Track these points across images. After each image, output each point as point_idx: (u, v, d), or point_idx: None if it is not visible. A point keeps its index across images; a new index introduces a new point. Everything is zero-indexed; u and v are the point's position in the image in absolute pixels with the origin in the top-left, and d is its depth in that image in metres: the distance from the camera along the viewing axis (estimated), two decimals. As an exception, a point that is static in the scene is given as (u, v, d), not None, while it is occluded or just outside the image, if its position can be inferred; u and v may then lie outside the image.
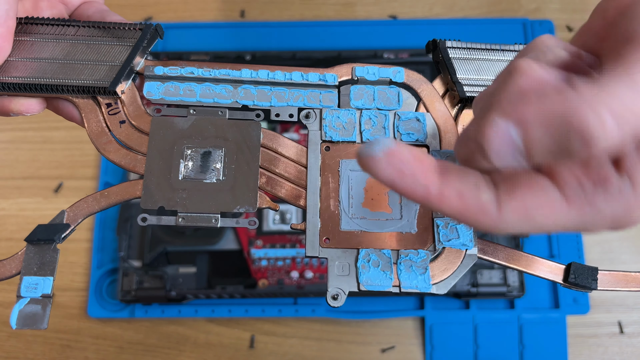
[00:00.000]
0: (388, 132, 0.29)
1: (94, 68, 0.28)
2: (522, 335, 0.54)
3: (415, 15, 0.66)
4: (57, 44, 0.29)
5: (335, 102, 0.29)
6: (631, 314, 0.55)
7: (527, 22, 0.64)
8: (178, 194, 0.27)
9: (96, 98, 0.29)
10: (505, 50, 0.31)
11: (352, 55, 0.60)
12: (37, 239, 0.26)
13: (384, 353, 0.55)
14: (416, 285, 0.26)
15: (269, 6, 0.67)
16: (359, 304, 0.55)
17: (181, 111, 0.29)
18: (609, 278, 0.27)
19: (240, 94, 0.29)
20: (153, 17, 0.66)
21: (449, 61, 0.30)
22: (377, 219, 0.27)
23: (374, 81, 0.30)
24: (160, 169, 0.28)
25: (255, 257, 0.54)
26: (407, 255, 0.26)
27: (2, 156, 0.62)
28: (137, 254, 0.55)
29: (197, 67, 0.29)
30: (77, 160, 0.61)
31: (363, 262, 0.26)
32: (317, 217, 0.27)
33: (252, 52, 0.61)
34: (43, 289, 0.26)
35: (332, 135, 0.28)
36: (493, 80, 0.20)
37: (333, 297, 0.26)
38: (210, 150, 0.28)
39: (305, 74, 0.29)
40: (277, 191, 0.28)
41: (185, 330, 0.56)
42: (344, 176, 0.28)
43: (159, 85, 0.29)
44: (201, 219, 0.27)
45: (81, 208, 0.28)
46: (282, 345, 0.55)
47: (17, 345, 0.55)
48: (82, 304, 0.56)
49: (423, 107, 0.29)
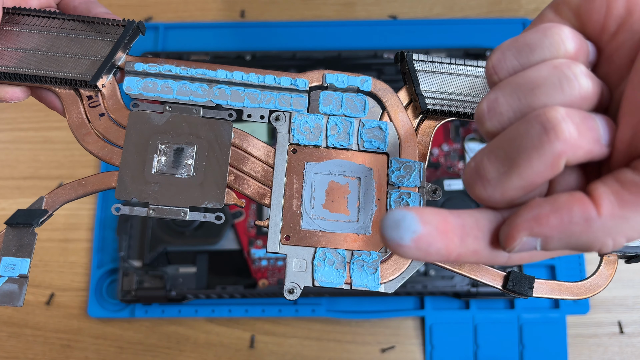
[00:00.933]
0: (352, 139, 0.30)
1: (77, 61, 0.29)
2: (522, 335, 0.54)
3: (415, 15, 0.66)
4: (42, 36, 0.30)
5: (304, 107, 0.30)
6: (631, 314, 0.55)
7: (527, 22, 0.64)
8: (150, 187, 0.29)
9: (78, 90, 0.30)
10: (469, 65, 0.32)
11: (352, 56, 0.61)
12: (17, 222, 0.27)
13: (384, 353, 0.55)
14: (366, 283, 0.28)
15: (269, 6, 0.67)
16: (359, 304, 0.56)
17: (158, 107, 0.30)
18: (545, 287, 0.29)
19: (215, 93, 0.30)
20: (153, 17, 0.66)
21: (414, 73, 0.31)
22: (336, 220, 0.29)
23: (343, 88, 0.31)
24: (135, 162, 0.29)
25: (255, 257, 0.54)
26: (360, 256, 0.28)
27: (2, 156, 0.62)
28: (137, 254, 0.55)
29: (175, 65, 0.30)
30: (77, 161, 0.61)
31: (319, 260, 0.28)
32: (280, 216, 0.29)
33: (252, 52, 0.61)
34: (20, 269, 0.27)
35: (299, 138, 0.30)
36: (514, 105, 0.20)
37: (289, 291, 0.27)
38: (183, 146, 0.29)
39: (278, 77, 0.30)
40: (244, 189, 0.29)
41: (185, 330, 0.56)
42: (307, 178, 0.29)
43: (138, 81, 0.30)
44: (171, 212, 0.28)
45: (59, 195, 0.29)
46: (282, 345, 0.55)
47: (17, 345, 0.55)
48: (82, 303, 0.56)
49: (387, 116, 0.31)
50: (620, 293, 0.56)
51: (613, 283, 0.56)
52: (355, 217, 0.29)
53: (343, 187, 0.29)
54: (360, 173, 0.30)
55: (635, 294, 0.56)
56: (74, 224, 0.59)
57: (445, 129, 0.60)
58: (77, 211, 0.59)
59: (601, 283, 0.29)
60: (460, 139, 0.59)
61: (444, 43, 0.63)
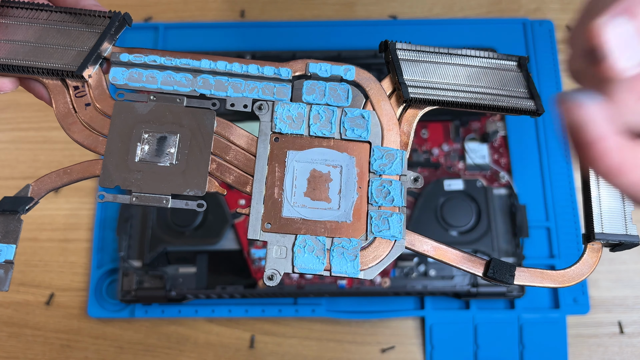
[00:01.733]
0: (334, 128, 0.30)
1: (64, 52, 0.30)
2: (522, 336, 0.54)
3: (415, 15, 0.66)
4: (29, 27, 0.30)
5: (288, 96, 0.31)
6: (631, 314, 0.55)
7: (527, 22, 0.64)
8: (134, 174, 0.29)
9: (65, 80, 0.30)
10: (452, 54, 0.33)
11: (352, 56, 0.60)
12: (3, 209, 0.28)
13: (384, 353, 0.55)
14: (345, 270, 0.28)
15: (269, 6, 0.67)
16: (359, 304, 0.56)
17: (142, 97, 0.30)
18: (527, 274, 0.29)
19: (199, 82, 0.30)
20: (153, 17, 0.66)
21: (397, 62, 0.31)
22: (317, 207, 0.29)
23: (326, 77, 0.31)
24: (119, 150, 0.29)
25: (255, 257, 0.54)
26: (340, 243, 0.28)
27: (2, 156, 0.62)
28: (137, 254, 0.55)
29: (159, 55, 0.30)
30: (77, 161, 0.61)
31: (299, 247, 0.28)
32: (261, 204, 0.29)
33: (252, 52, 0.61)
34: (6, 255, 0.27)
35: (281, 127, 0.30)
36: None
37: (269, 277, 0.28)
38: (166, 135, 0.30)
39: (261, 67, 0.30)
40: (226, 177, 0.29)
41: (185, 330, 0.56)
42: (289, 166, 0.30)
43: (124, 72, 0.30)
44: (153, 199, 0.29)
45: (45, 183, 0.29)
46: (282, 345, 0.55)
47: (17, 345, 0.55)
48: (82, 304, 0.56)
49: (370, 105, 0.31)
50: (620, 293, 0.56)
51: (613, 283, 0.56)
52: (336, 205, 0.29)
53: (325, 176, 0.30)
54: (342, 161, 0.30)
55: (635, 294, 0.56)
56: (74, 224, 0.59)
57: (445, 129, 0.60)
58: (77, 211, 0.59)
59: (584, 271, 0.30)
60: (460, 139, 0.59)
61: (444, 43, 0.63)
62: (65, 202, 0.59)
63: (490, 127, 0.58)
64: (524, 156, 0.59)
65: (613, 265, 0.57)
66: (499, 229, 0.55)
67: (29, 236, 0.58)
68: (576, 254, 0.56)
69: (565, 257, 0.56)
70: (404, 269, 0.54)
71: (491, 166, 0.58)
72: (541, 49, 0.63)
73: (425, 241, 0.29)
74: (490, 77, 0.32)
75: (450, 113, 0.59)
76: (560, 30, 0.65)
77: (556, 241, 0.56)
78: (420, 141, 0.59)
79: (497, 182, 0.57)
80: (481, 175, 0.58)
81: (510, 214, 0.56)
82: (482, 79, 0.32)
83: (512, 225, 0.55)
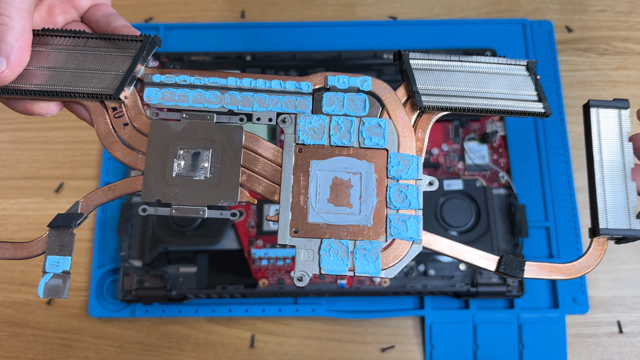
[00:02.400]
0: (353, 137, 0.32)
1: (101, 76, 0.32)
2: (522, 335, 0.54)
3: (415, 16, 0.66)
4: (69, 55, 0.32)
5: (309, 108, 0.33)
6: (630, 314, 0.56)
7: (527, 22, 0.64)
8: (172, 189, 0.31)
9: (104, 102, 0.32)
10: (463, 61, 0.34)
11: (352, 56, 0.61)
12: (57, 225, 0.30)
13: (383, 352, 0.55)
14: (368, 270, 0.30)
15: (270, 7, 0.67)
16: (359, 304, 0.56)
17: (175, 115, 0.32)
18: (535, 268, 0.31)
19: (226, 99, 0.32)
20: (154, 17, 0.66)
21: (410, 72, 0.33)
22: (340, 213, 0.31)
23: (344, 89, 0.33)
24: (157, 166, 0.32)
25: (255, 256, 0.54)
26: (362, 245, 0.31)
27: (3, 156, 0.62)
28: (138, 253, 0.55)
29: (189, 75, 0.33)
30: (77, 161, 0.62)
31: (325, 250, 0.30)
32: (289, 211, 0.31)
33: (253, 52, 0.61)
34: (63, 266, 0.30)
35: (304, 138, 0.32)
36: None
37: (299, 278, 0.30)
38: (200, 151, 0.32)
39: (284, 82, 0.33)
40: (256, 187, 0.32)
41: (185, 329, 0.56)
42: (313, 175, 0.32)
43: (157, 91, 0.32)
44: (191, 211, 0.31)
45: (92, 199, 0.32)
46: (282, 345, 0.55)
47: (18, 345, 0.56)
48: (83, 303, 0.57)
49: (386, 114, 0.33)
50: (620, 293, 0.56)
51: (612, 283, 0.56)
52: (357, 209, 0.31)
53: (346, 182, 0.32)
54: (361, 169, 0.32)
55: (634, 294, 0.56)
56: (75, 224, 0.59)
57: (445, 129, 0.60)
58: (77, 211, 0.59)
59: (590, 263, 0.32)
60: (459, 139, 0.59)
61: (443, 44, 0.63)
62: (66, 202, 0.60)
63: (490, 128, 0.59)
64: (523, 156, 0.59)
65: (612, 265, 0.57)
66: (498, 228, 0.55)
67: (29, 236, 0.58)
68: (575, 254, 0.56)
69: (564, 256, 0.56)
70: (404, 268, 0.55)
71: (490, 166, 0.58)
72: (540, 50, 0.63)
73: (441, 240, 0.31)
74: (499, 82, 0.34)
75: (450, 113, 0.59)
76: (559, 30, 0.65)
77: (555, 241, 0.57)
78: (420, 141, 0.59)
79: (496, 182, 0.58)
80: (481, 175, 0.58)
81: (509, 214, 0.56)
82: (492, 84, 0.33)
83: (512, 225, 0.56)
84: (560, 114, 0.61)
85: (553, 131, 0.60)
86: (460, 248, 0.31)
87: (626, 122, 0.33)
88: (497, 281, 0.53)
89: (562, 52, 0.64)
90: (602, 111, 0.33)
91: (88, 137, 0.62)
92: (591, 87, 0.63)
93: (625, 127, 0.33)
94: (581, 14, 0.66)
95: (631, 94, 0.63)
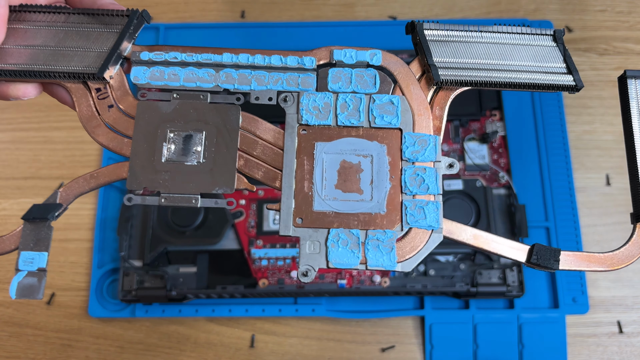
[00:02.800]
0: (363, 116, 0.29)
1: (84, 54, 0.29)
2: (522, 335, 0.54)
3: (415, 16, 0.66)
4: (48, 31, 0.30)
5: (313, 85, 0.30)
6: (630, 314, 0.56)
7: (527, 22, 0.64)
8: (161, 175, 0.28)
9: (86, 83, 0.30)
10: (483, 31, 0.31)
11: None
12: (33, 217, 0.27)
13: (383, 352, 0.55)
14: (382, 263, 0.27)
15: (270, 7, 0.67)
16: (359, 304, 0.56)
17: (165, 95, 0.30)
18: (572, 258, 0.28)
19: (222, 77, 0.30)
20: (154, 17, 0.66)
21: (425, 44, 0.30)
22: (349, 200, 0.28)
23: (352, 64, 0.30)
24: (144, 151, 0.29)
25: (255, 256, 0.54)
26: (374, 235, 0.27)
27: (3, 156, 0.62)
28: (138, 253, 0.55)
29: (180, 51, 0.30)
30: (77, 161, 0.62)
31: (333, 241, 0.27)
32: (292, 199, 0.28)
33: (253, 52, 0.61)
34: (39, 263, 0.27)
35: (308, 118, 0.29)
36: None
37: (303, 273, 0.27)
38: (192, 133, 0.29)
39: (285, 57, 0.30)
40: (254, 173, 0.29)
41: (185, 329, 0.56)
42: (318, 159, 0.29)
43: (145, 70, 0.30)
44: (182, 200, 0.28)
45: (73, 188, 0.29)
46: (282, 345, 0.55)
47: (18, 345, 0.56)
48: (82, 303, 0.57)
49: (399, 90, 0.30)
50: (620, 293, 0.56)
51: (612, 283, 0.56)
52: (369, 196, 0.28)
53: (355, 166, 0.29)
54: (372, 151, 0.29)
55: (634, 294, 0.56)
56: (75, 224, 0.59)
57: (445, 129, 0.60)
58: (77, 211, 0.59)
59: (635, 252, 0.28)
60: (460, 139, 0.59)
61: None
62: (66, 202, 0.60)
63: (490, 128, 0.59)
64: (523, 156, 0.59)
65: (612, 265, 0.57)
66: (498, 228, 0.55)
67: (29, 236, 0.58)
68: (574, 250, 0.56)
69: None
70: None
71: (490, 166, 0.58)
72: (540, 50, 0.63)
73: (464, 229, 0.28)
74: (524, 54, 0.31)
75: (450, 113, 0.59)
76: (559, 30, 0.65)
77: (555, 241, 0.57)
78: (420, 141, 0.59)
79: (496, 182, 0.58)
80: (481, 175, 0.58)
81: (509, 214, 0.56)
82: (516, 56, 0.31)
83: (512, 225, 0.56)
84: (560, 114, 0.61)
85: (553, 131, 0.60)
86: (486, 237, 0.28)
87: None
88: (497, 281, 0.53)
89: (562, 52, 0.64)
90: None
91: (88, 136, 0.62)
92: (591, 87, 0.63)
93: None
94: (581, 14, 0.66)
95: (631, 94, 0.63)
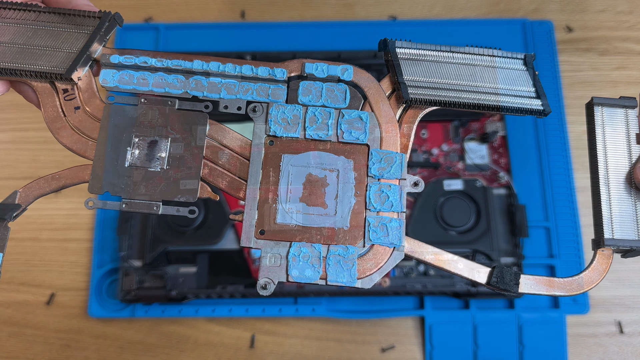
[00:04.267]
0: (331, 130, 0.29)
1: (52, 54, 0.29)
2: (522, 335, 0.54)
3: (415, 16, 0.66)
4: (17, 29, 0.29)
5: (283, 97, 0.30)
6: (630, 314, 0.56)
7: (527, 22, 0.64)
8: (123, 180, 0.28)
9: (54, 83, 0.29)
10: (455, 52, 0.31)
11: (352, 56, 0.61)
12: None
13: (383, 353, 0.55)
14: (342, 279, 0.27)
15: (270, 7, 0.67)
16: (359, 304, 0.56)
17: (133, 99, 0.29)
18: (533, 282, 0.28)
19: (191, 84, 0.29)
20: (153, 17, 0.66)
21: (396, 61, 0.30)
22: (313, 213, 0.28)
23: (323, 78, 0.30)
24: (108, 155, 0.29)
25: (255, 257, 0.54)
26: (336, 251, 0.27)
27: (3, 156, 0.62)
28: (138, 253, 0.55)
29: (151, 56, 0.30)
30: (77, 161, 0.61)
31: (294, 254, 0.27)
32: (255, 210, 0.28)
33: (253, 52, 0.61)
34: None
35: (276, 130, 0.29)
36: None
37: (262, 286, 0.27)
38: (157, 139, 0.29)
39: (256, 67, 0.30)
40: (219, 182, 0.29)
41: (185, 329, 0.56)
42: (284, 171, 0.29)
43: (114, 73, 0.29)
44: (143, 206, 0.28)
45: (33, 189, 0.29)
46: (282, 345, 0.55)
47: (17, 345, 0.56)
48: (82, 303, 0.57)
49: (369, 107, 0.30)
50: (620, 293, 0.56)
51: (612, 283, 0.56)
52: (333, 210, 0.28)
53: (321, 180, 0.29)
54: (339, 165, 0.29)
55: (634, 294, 0.56)
56: (75, 224, 0.59)
57: (445, 129, 0.60)
58: (77, 211, 0.59)
59: (594, 278, 0.28)
60: (459, 139, 0.59)
61: (443, 43, 0.63)
62: (65, 202, 0.60)
63: (490, 128, 0.59)
64: (523, 156, 0.59)
65: (612, 265, 0.57)
66: (498, 228, 0.55)
67: (29, 236, 0.58)
68: (575, 254, 0.56)
69: (564, 256, 0.56)
70: (404, 268, 0.55)
71: (490, 166, 0.58)
72: (540, 50, 0.63)
73: (426, 247, 0.28)
74: (494, 76, 0.31)
75: (450, 113, 0.59)
76: (559, 30, 0.65)
77: (555, 241, 0.57)
78: (419, 141, 0.59)
79: (496, 182, 0.58)
80: (480, 175, 0.58)
81: (509, 214, 0.56)
82: (486, 78, 0.31)
83: (512, 225, 0.56)
84: (560, 114, 0.61)
85: (553, 131, 0.60)
86: (447, 257, 0.28)
87: (634, 122, 0.30)
88: (497, 281, 0.53)
89: (562, 52, 0.64)
90: (607, 110, 0.30)
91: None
92: (591, 87, 0.63)
93: (633, 128, 0.30)
94: (581, 14, 0.66)
95: (632, 94, 0.63)
